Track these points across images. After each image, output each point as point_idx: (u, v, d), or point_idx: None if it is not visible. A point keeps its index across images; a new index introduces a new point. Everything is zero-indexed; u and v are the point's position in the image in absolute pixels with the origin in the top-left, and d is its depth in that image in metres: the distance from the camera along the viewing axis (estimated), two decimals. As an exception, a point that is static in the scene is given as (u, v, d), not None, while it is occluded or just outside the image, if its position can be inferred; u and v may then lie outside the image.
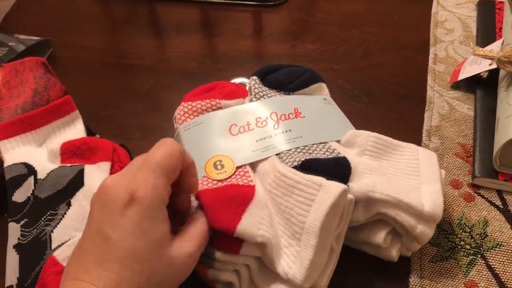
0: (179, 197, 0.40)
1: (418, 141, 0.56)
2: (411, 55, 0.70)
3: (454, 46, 0.70)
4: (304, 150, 0.45)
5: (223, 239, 0.39)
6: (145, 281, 0.33)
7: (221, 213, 0.39)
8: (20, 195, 0.46)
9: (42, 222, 0.44)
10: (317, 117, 0.50)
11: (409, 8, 0.78)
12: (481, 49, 0.57)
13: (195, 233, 0.38)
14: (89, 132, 0.54)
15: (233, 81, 0.64)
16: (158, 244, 0.34)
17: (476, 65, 0.61)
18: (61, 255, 0.41)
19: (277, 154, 0.46)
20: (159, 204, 0.35)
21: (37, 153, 0.50)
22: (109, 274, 0.32)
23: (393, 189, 0.40)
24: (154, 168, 0.35)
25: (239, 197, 0.41)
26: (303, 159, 0.43)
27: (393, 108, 0.61)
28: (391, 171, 0.44)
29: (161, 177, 0.35)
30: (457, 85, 0.63)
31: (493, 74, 0.59)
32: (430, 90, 0.63)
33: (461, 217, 0.48)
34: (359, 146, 0.45)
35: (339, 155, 0.44)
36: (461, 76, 0.61)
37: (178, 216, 0.41)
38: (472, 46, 0.59)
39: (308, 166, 0.42)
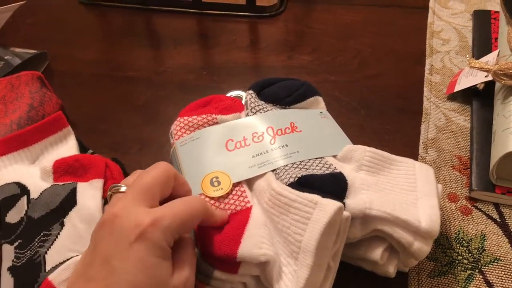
0: None
1: (415, 154, 0.56)
2: (407, 66, 0.70)
3: (450, 57, 0.70)
4: (300, 166, 0.45)
5: (221, 260, 0.39)
6: None
7: (220, 242, 0.39)
8: (13, 216, 0.46)
9: (36, 243, 0.44)
10: (313, 131, 0.50)
11: (406, 18, 0.79)
12: (477, 61, 0.58)
13: (187, 257, 0.38)
14: (82, 147, 0.54)
15: (229, 94, 0.64)
16: (161, 280, 0.34)
17: (472, 77, 0.61)
18: (57, 278, 0.41)
19: (273, 170, 0.45)
20: (165, 246, 0.35)
21: (30, 171, 0.50)
22: None
23: (390, 205, 0.40)
24: (174, 214, 0.36)
25: (236, 222, 0.41)
26: (299, 175, 0.43)
27: (390, 120, 0.61)
28: (388, 186, 0.44)
29: (176, 225, 0.35)
30: (453, 97, 0.63)
31: (490, 85, 0.59)
32: (427, 101, 0.63)
33: (459, 231, 0.48)
34: (356, 161, 0.45)
35: (336, 170, 0.44)
36: (457, 88, 0.61)
37: None
38: (468, 58, 0.59)
39: (305, 183, 0.42)
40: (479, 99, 0.60)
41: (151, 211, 0.35)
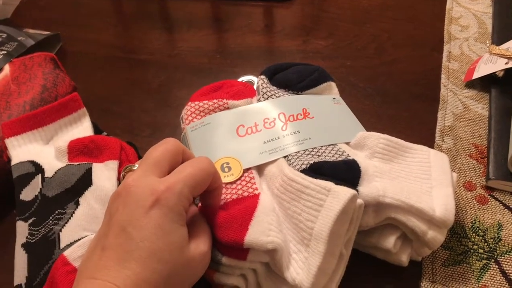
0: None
1: (431, 141, 0.55)
2: (425, 53, 0.68)
3: (469, 44, 0.68)
4: (312, 152, 0.44)
5: (229, 246, 0.38)
6: (164, 281, 0.33)
7: (227, 228, 0.38)
8: (27, 194, 0.46)
9: (50, 221, 0.44)
10: (326, 117, 0.49)
11: (424, 4, 0.77)
12: (497, 47, 0.56)
13: (205, 232, 0.38)
14: (96, 129, 0.54)
15: (240, 79, 0.63)
16: (178, 246, 0.35)
17: (491, 64, 0.59)
18: (72, 255, 0.41)
19: (285, 156, 0.45)
20: (181, 210, 0.35)
21: (44, 151, 0.50)
22: (129, 274, 0.32)
23: (404, 193, 0.39)
24: (185, 178, 0.36)
25: (243, 207, 0.40)
26: (311, 162, 0.42)
27: (406, 107, 0.60)
28: (402, 174, 0.43)
29: (188, 187, 0.36)
30: (471, 84, 0.61)
31: (509, 73, 0.58)
32: (444, 88, 0.61)
33: (475, 220, 0.47)
34: (369, 148, 0.44)
35: (349, 157, 0.43)
36: (476, 75, 0.60)
37: None
38: (488, 44, 0.57)
39: (317, 169, 0.42)
40: (498, 87, 0.59)
41: (163, 179, 0.36)
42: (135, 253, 0.33)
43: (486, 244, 0.45)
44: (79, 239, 0.42)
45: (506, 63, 0.57)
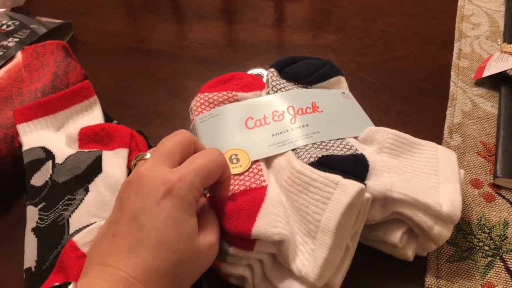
0: None
1: (439, 138, 0.55)
2: (434, 49, 0.68)
3: (480, 42, 0.68)
4: (321, 146, 0.45)
5: (236, 237, 0.39)
6: (173, 270, 0.34)
7: (235, 219, 0.39)
8: (38, 179, 0.47)
9: (60, 207, 0.44)
10: (335, 111, 0.49)
11: (434, 1, 0.77)
12: (509, 45, 0.56)
13: (213, 224, 0.39)
14: (107, 117, 0.54)
15: (250, 72, 0.63)
16: (188, 236, 0.35)
17: (502, 62, 0.59)
18: (81, 240, 0.42)
19: (293, 149, 0.45)
20: (192, 201, 0.36)
21: (55, 138, 0.50)
22: (139, 262, 0.33)
23: (411, 188, 0.40)
24: (196, 169, 0.36)
25: (251, 199, 0.40)
26: (320, 155, 0.43)
27: (415, 103, 0.60)
28: (410, 169, 0.43)
29: (199, 178, 0.36)
30: (481, 82, 0.61)
31: (520, 72, 0.58)
32: (453, 86, 0.61)
33: (481, 217, 0.48)
34: (378, 143, 0.45)
35: (357, 152, 0.44)
36: (486, 73, 0.60)
37: None
38: (499, 42, 0.57)
39: (325, 163, 0.42)
40: (508, 85, 0.59)
41: (175, 170, 0.36)
42: (145, 242, 0.33)
43: (491, 241, 0.46)
44: (88, 225, 0.43)
45: (517, 62, 0.57)
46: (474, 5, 0.75)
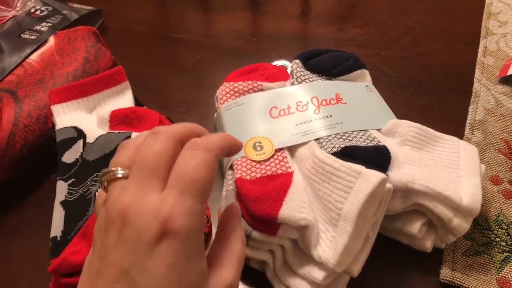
0: None
1: (460, 134, 0.56)
2: (460, 46, 0.68)
3: (506, 40, 0.68)
4: (344, 137, 0.46)
5: (261, 220, 0.40)
6: None
7: (262, 202, 0.40)
8: (69, 156, 0.49)
9: (89, 182, 0.46)
10: (358, 104, 0.50)
11: (462, -2, 0.77)
12: (534, 44, 0.56)
13: (233, 257, 0.32)
14: (137, 102, 0.56)
15: (274, 63, 0.64)
16: (196, 285, 0.28)
17: (527, 61, 0.59)
18: None
19: (316, 139, 0.46)
20: (197, 236, 0.28)
21: (87, 119, 0.52)
22: None
23: (432, 181, 0.40)
24: (191, 184, 0.28)
25: (278, 184, 0.42)
26: (343, 145, 0.44)
27: (438, 99, 0.61)
28: (431, 162, 0.44)
29: (199, 196, 0.28)
30: (505, 80, 0.61)
31: (545, 71, 0.58)
32: (477, 83, 0.62)
33: (499, 213, 0.48)
34: (400, 136, 0.45)
35: (379, 143, 0.44)
36: (511, 71, 0.60)
37: None
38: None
39: (348, 153, 0.43)
40: (533, 84, 0.59)
41: (166, 193, 0.28)
42: None
43: (509, 237, 0.46)
44: None
45: (542, 61, 0.57)
46: (503, 3, 0.74)
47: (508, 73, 0.60)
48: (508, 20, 0.71)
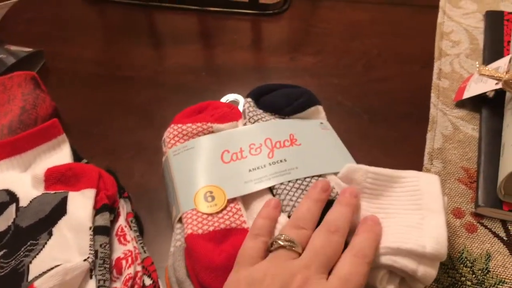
0: None
1: (419, 164, 0.54)
2: (415, 69, 0.67)
3: (460, 60, 0.67)
4: (302, 187, 0.43)
5: None
6: None
7: (214, 274, 0.38)
8: (0, 224, 0.45)
9: (22, 253, 0.42)
10: (313, 144, 0.48)
11: (415, 18, 0.76)
12: (486, 68, 0.55)
13: None
14: (76, 156, 0.52)
15: (225, 97, 0.62)
16: None
17: (482, 83, 0.58)
18: (43, 285, 0.39)
19: (271, 187, 0.44)
20: None
21: (21, 179, 0.48)
22: None
23: (389, 238, 0.38)
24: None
25: (233, 248, 0.39)
26: (301, 198, 0.41)
27: (394, 127, 0.59)
28: (392, 208, 0.41)
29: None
30: (462, 104, 0.60)
31: (501, 93, 0.57)
32: (434, 108, 0.60)
33: (463, 250, 0.46)
34: (357, 184, 0.43)
35: (336, 197, 0.42)
36: (466, 95, 0.58)
37: None
38: (477, 64, 0.56)
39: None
40: (489, 107, 0.58)
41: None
42: None
43: (474, 276, 0.44)
44: (49, 270, 0.41)
45: (496, 83, 0.55)
46: (454, 22, 0.74)
47: (464, 97, 0.59)
48: (460, 40, 0.70)
